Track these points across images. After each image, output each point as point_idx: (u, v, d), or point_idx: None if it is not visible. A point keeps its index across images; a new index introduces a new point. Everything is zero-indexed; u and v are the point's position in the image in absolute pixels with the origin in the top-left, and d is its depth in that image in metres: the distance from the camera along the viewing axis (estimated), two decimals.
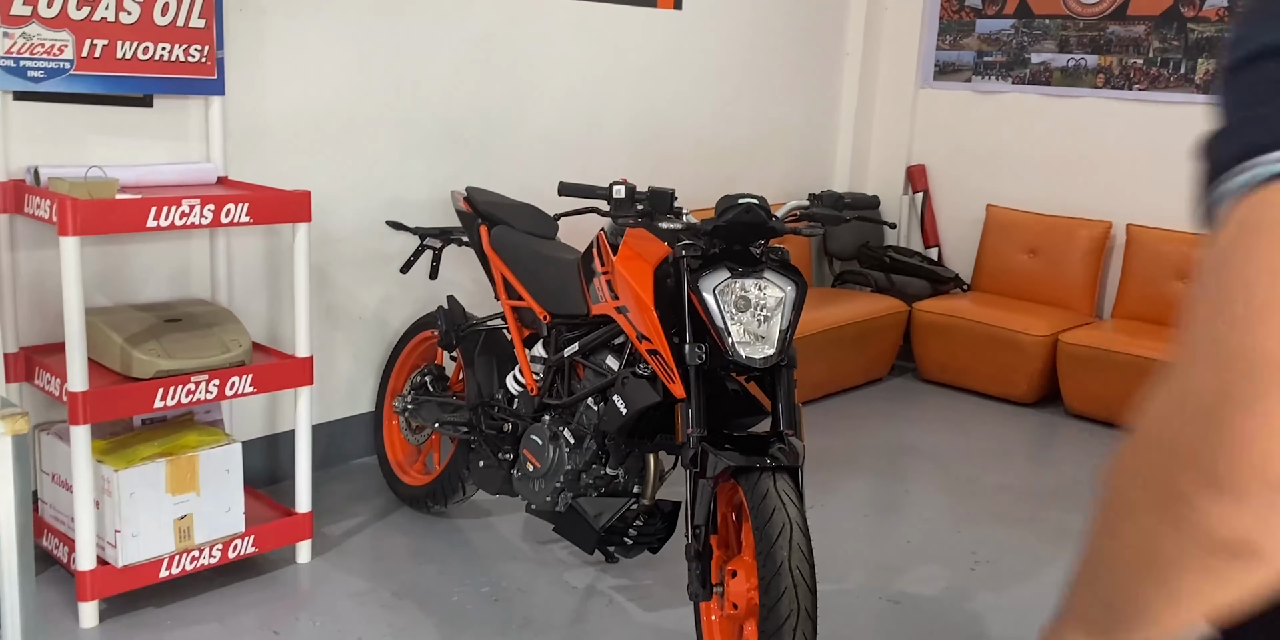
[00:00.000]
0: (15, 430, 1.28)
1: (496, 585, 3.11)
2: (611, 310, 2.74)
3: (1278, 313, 0.59)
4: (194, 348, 2.85)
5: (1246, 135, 0.65)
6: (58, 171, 2.77)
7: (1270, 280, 0.60)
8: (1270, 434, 0.57)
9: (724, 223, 2.53)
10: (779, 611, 2.20)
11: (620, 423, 2.68)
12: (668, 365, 2.53)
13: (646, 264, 2.62)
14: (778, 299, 2.50)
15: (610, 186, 2.61)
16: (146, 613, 2.86)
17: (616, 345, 2.86)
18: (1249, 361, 0.59)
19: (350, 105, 3.61)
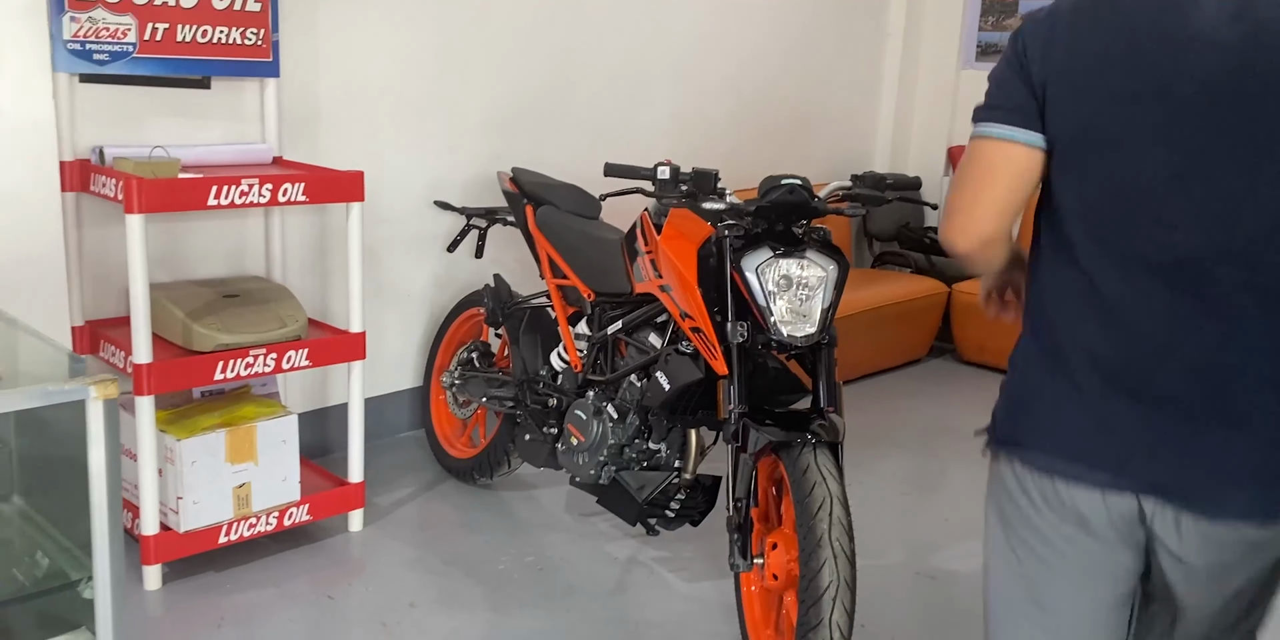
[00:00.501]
0: (106, 395, 1.37)
1: (540, 555, 3.20)
2: (655, 288, 2.80)
3: (958, 186, 1.60)
4: (252, 323, 2.95)
5: (977, 113, 1.58)
6: (122, 151, 2.87)
7: (963, 172, 1.59)
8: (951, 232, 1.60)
9: (767, 203, 2.58)
10: (819, 582, 2.26)
11: (663, 399, 2.75)
12: (710, 342, 2.59)
13: (690, 243, 2.68)
14: (819, 278, 2.55)
15: (655, 167, 2.66)
16: (207, 577, 2.97)
17: (659, 323, 2.93)
18: (952, 205, 1.60)
19: (400, 87, 3.69)
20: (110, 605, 1.42)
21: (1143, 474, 1.49)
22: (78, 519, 1.44)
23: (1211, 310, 1.43)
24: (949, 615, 2.99)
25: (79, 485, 1.44)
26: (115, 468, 1.42)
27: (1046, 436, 1.58)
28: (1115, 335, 1.49)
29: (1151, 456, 1.48)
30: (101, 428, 1.39)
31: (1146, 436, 1.49)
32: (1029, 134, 1.50)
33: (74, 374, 1.38)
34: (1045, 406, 1.58)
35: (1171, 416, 1.47)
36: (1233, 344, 1.43)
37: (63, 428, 1.45)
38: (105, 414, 1.39)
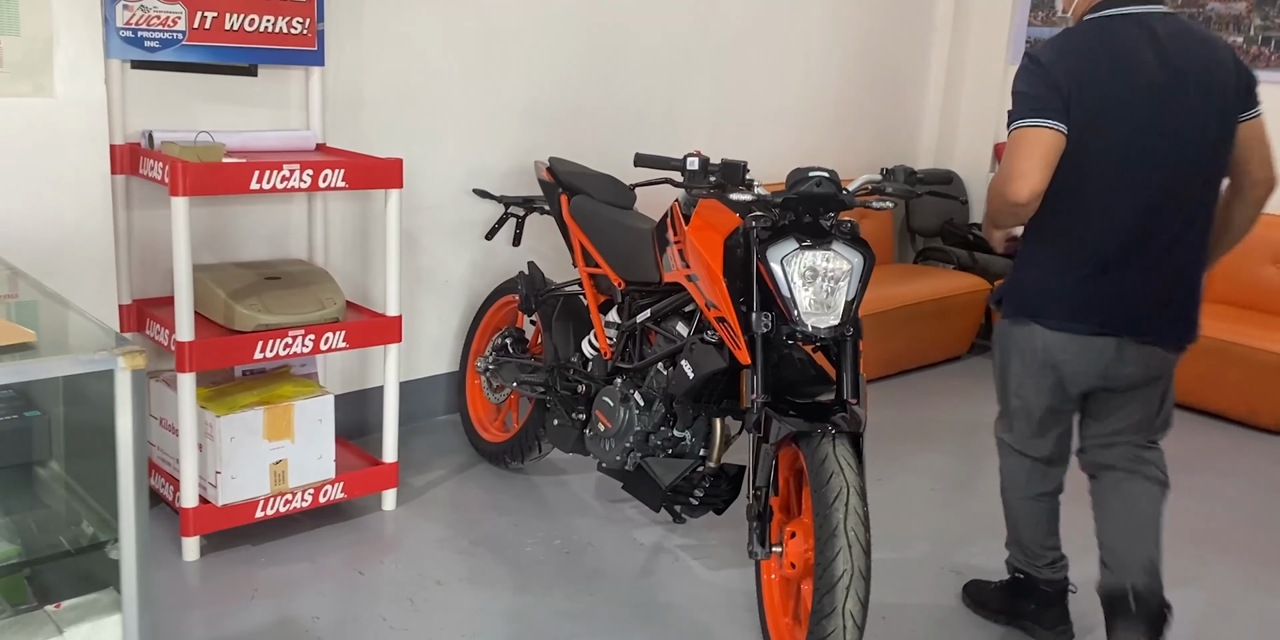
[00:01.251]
0: (134, 365, 1.43)
1: (568, 538, 3.26)
2: (682, 278, 2.84)
3: (1015, 160, 2.39)
4: (292, 304, 3.03)
5: (1017, 114, 2.43)
6: (170, 136, 2.96)
7: (1016, 151, 2.40)
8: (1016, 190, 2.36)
9: (794, 195, 2.61)
10: (833, 571, 2.29)
11: (687, 387, 2.79)
12: (734, 333, 2.62)
13: (717, 234, 2.71)
14: (844, 270, 2.57)
15: (684, 158, 2.70)
16: (243, 550, 3.06)
17: (687, 312, 2.96)
18: (1007, 174, 2.39)
19: (443, 77, 3.75)
20: (135, 566, 1.49)
21: (1114, 321, 2.53)
22: (109, 485, 1.51)
23: (1160, 213, 2.48)
24: (971, 611, 3.01)
25: (112, 453, 1.51)
26: (142, 435, 1.49)
27: (1056, 305, 2.56)
28: (1108, 231, 2.49)
29: (1118, 308, 2.52)
30: (129, 396, 1.45)
31: (1116, 298, 2.52)
32: (1060, 124, 2.39)
33: (105, 346, 1.45)
34: (1056, 288, 2.56)
35: (1131, 281, 2.51)
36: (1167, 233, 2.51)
37: (99, 398, 1.52)
38: (133, 384, 1.46)
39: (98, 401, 1.55)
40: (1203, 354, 4.62)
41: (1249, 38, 4.93)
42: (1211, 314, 4.79)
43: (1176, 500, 3.80)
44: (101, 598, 1.53)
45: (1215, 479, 4.03)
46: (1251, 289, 4.93)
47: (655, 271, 3.01)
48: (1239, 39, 4.95)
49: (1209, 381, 4.66)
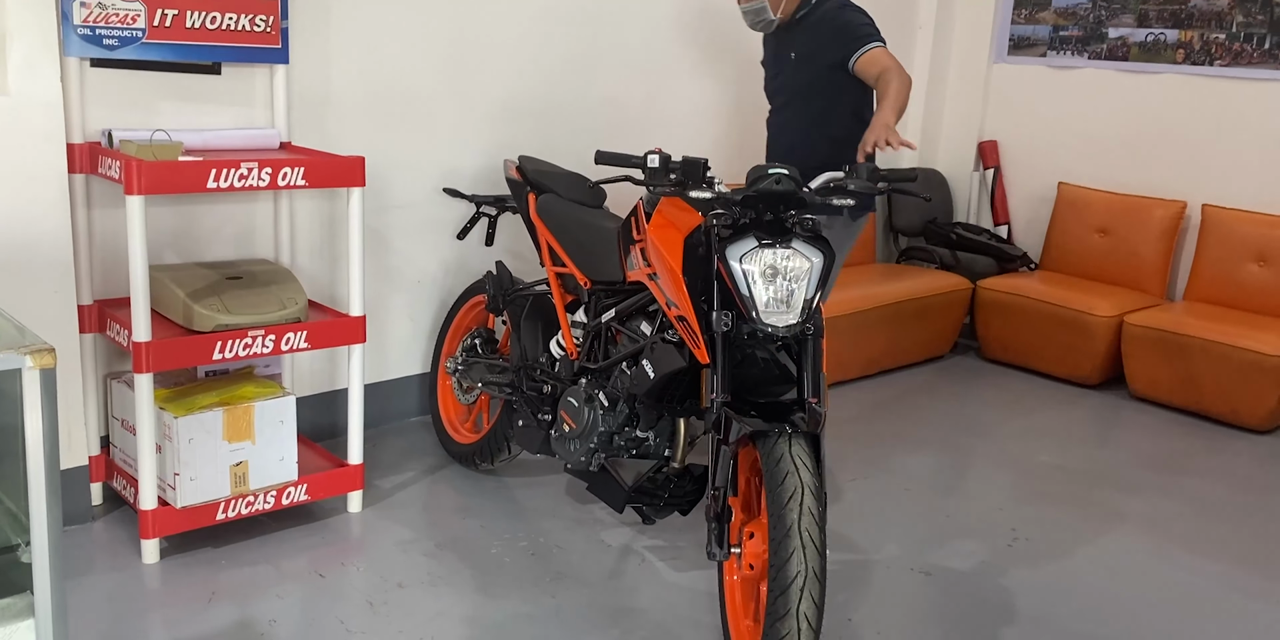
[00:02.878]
0: (42, 364, 1.40)
1: (535, 541, 3.23)
2: (644, 277, 2.81)
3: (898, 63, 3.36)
4: (252, 304, 3.00)
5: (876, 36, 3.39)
6: (129, 135, 2.94)
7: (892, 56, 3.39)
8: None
9: (753, 192, 2.58)
10: (787, 572, 2.26)
11: (648, 387, 2.76)
12: (694, 332, 2.59)
13: (678, 232, 2.69)
14: (804, 268, 2.54)
15: (645, 155, 2.67)
16: (204, 552, 3.03)
17: (650, 311, 2.94)
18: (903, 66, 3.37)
19: (411, 75, 3.73)
20: (49, 569, 1.45)
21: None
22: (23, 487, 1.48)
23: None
24: (940, 612, 2.98)
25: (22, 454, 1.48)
26: (53, 437, 1.46)
27: None
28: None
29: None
30: (38, 397, 1.42)
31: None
32: None
33: (14, 345, 1.42)
34: None
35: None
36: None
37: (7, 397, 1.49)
38: (42, 384, 1.43)
39: (7, 400, 1.52)
40: (1184, 353, 4.62)
41: (1231, 34, 4.90)
42: (1193, 312, 4.83)
43: (1158, 501, 3.79)
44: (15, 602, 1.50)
45: (1197, 479, 4.00)
46: (1233, 287, 4.90)
47: (619, 270, 2.98)
48: (1221, 35, 4.92)
49: (1190, 381, 4.63)
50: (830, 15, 3.48)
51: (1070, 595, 3.09)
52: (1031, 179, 5.60)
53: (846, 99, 3.50)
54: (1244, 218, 4.89)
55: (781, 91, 3.63)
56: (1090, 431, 4.61)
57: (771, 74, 3.69)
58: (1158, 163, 5.18)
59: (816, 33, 3.47)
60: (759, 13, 3.50)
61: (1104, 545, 3.42)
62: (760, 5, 3.48)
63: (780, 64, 3.61)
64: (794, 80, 3.56)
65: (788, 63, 3.56)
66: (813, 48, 3.48)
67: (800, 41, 3.51)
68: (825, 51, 3.44)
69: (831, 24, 3.45)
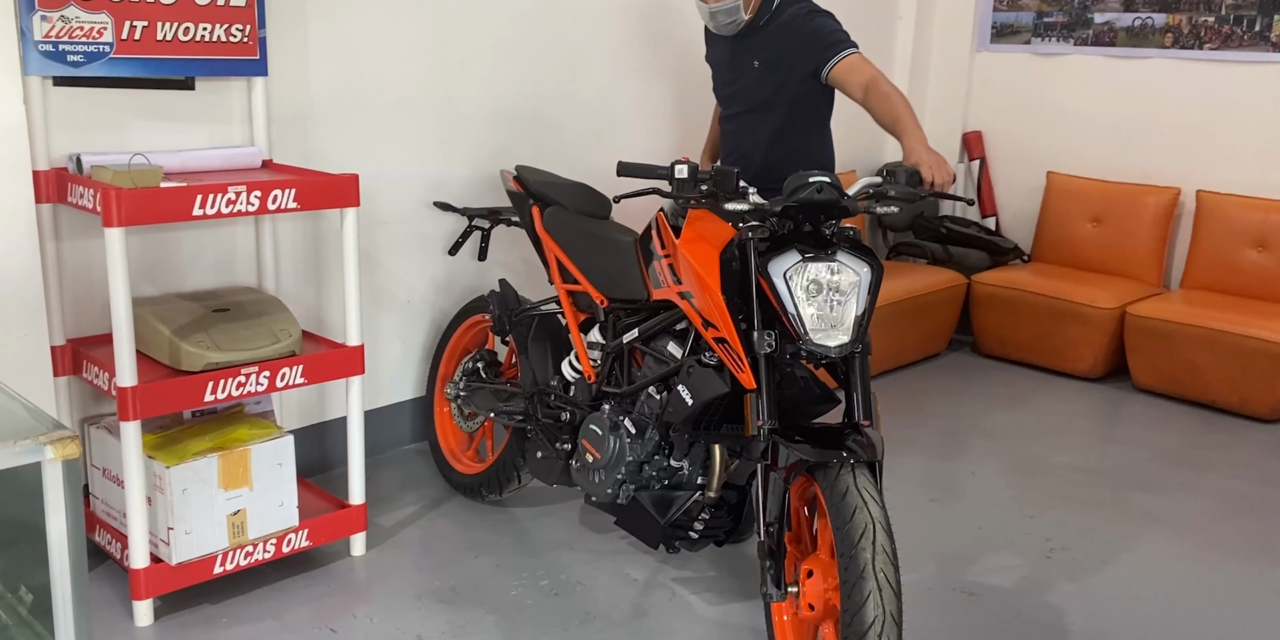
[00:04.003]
0: (65, 455, 1.18)
1: (555, 578, 3.02)
2: (674, 295, 2.62)
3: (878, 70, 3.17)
4: (243, 339, 2.77)
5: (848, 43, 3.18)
6: (100, 159, 2.68)
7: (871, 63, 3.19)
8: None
9: (795, 203, 2.40)
10: (863, 617, 2.09)
11: (686, 414, 2.57)
12: (736, 354, 2.41)
13: (712, 247, 2.50)
14: (852, 283, 2.37)
15: (672, 165, 2.48)
16: (202, 609, 2.80)
17: (679, 331, 2.75)
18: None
19: (395, 83, 3.49)
20: None
21: None
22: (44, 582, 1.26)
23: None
24: (993, 636, 2.82)
25: (42, 550, 1.26)
26: (78, 536, 1.24)
27: None
28: None
29: None
30: (61, 492, 1.20)
31: None
32: None
33: (28, 431, 1.20)
34: None
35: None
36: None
37: (24, 485, 1.27)
38: (65, 476, 1.21)
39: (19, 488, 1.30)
40: (1190, 343, 4.52)
41: (1220, 17, 4.80)
42: (1195, 301, 4.73)
43: (1185, 500, 3.68)
44: None
45: (1218, 474, 3.89)
46: (1231, 274, 4.81)
47: (642, 288, 2.78)
48: (1210, 18, 4.82)
49: (1198, 371, 4.53)
50: (798, 22, 3.23)
51: (1120, 608, 2.96)
52: (1019, 169, 5.48)
53: (809, 109, 3.34)
54: (1240, 203, 4.80)
55: (738, 99, 3.39)
56: (1101, 427, 4.50)
57: (726, 79, 3.42)
58: (1149, 149, 5.08)
59: (783, 40, 3.24)
60: (732, 12, 3.20)
61: (1141, 552, 3.30)
62: (734, 4, 3.19)
63: (738, 71, 3.34)
64: (756, 90, 3.32)
65: (748, 71, 3.30)
66: (780, 56, 3.25)
67: (765, 49, 3.26)
68: (794, 60, 3.22)
69: (800, 31, 3.22)
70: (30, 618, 1.45)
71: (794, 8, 3.26)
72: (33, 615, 1.46)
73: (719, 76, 3.49)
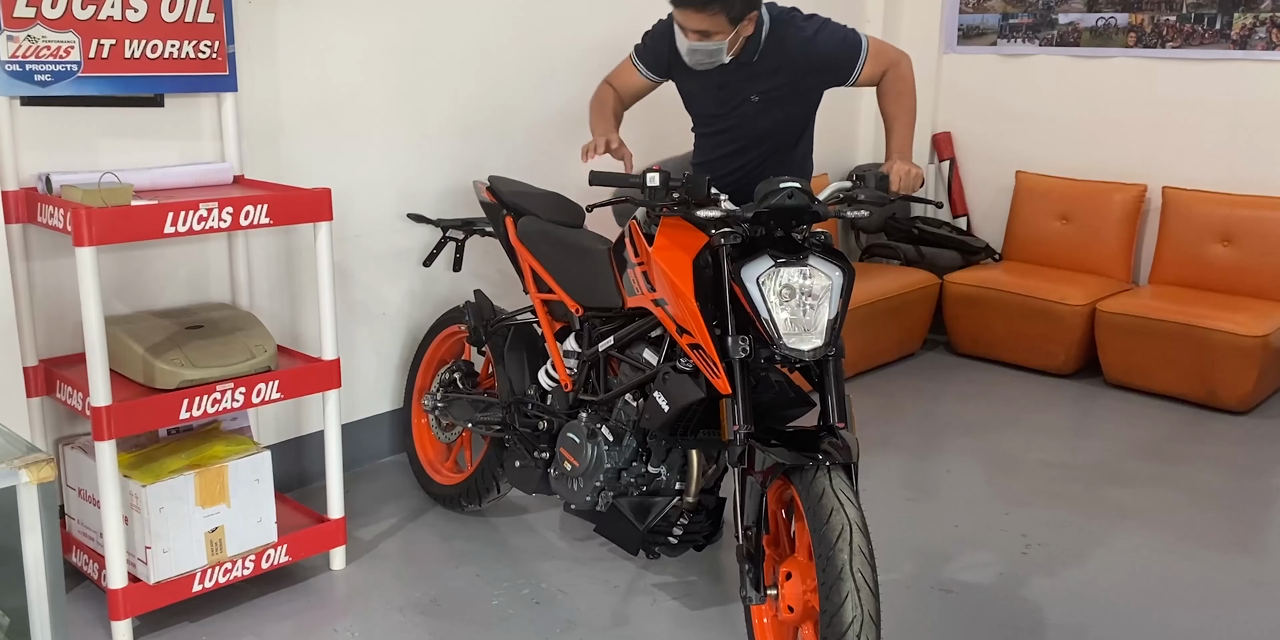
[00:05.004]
0: (41, 478, 1.18)
1: (536, 586, 3.03)
2: (649, 303, 2.64)
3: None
4: (218, 355, 2.76)
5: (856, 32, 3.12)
6: (70, 178, 2.68)
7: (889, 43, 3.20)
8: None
9: (766, 209, 2.42)
10: (842, 618, 2.11)
11: (663, 421, 2.58)
12: (711, 360, 2.43)
13: (684, 254, 2.52)
14: (824, 287, 2.39)
15: (644, 174, 2.50)
16: (181, 628, 2.79)
17: (654, 338, 2.76)
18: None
19: (365, 95, 3.50)
20: None
21: None
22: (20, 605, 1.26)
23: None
24: (970, 633, 2.84)
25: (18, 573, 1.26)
26: (55, 560, 1.24)
27: None
28: None
29: None
30: (37, 515, 1.20)
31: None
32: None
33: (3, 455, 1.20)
34: None
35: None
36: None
37: None
38: (41, 500, 1.21)
39: None
40: (1158, 337, 4.57)
41: (1181, 16, 4.86)
42: (1163, 296, 4.78)
43: (1158, 493, 3.72)
44: None
45: (1188, 467, 3.94)
46: (1198, 269, 4.87)
47: (616, 296, 2.80)
48: (1172, 17, 4.88)
49: (1166, 364, 4.58)
50: (800, 50, 3.02)
51: (1096, 602, 2.99)
52: (988, 169, 5.53)
53: (806, 125, 3.30)
54: (1205, 198, 4.86)
55: (730, 134, 3.18)
56: (1074, 423, 4.54)
57: (710, 110, 3.18)
58: (1115, 147, 5.13)
59: (791, 72, 3.04)
60: (713, 54, 2.94)
61: (1116, 545, 3.33)
62: (718, 47, 2.92)
63: (729, 104, 3.11)
64: (752, 123, 3.14)
65: (743, 105, 3.09)
66: (784, 90, 3.08)
67: (765, 84, 3.05)
68: (807, 86, 3.10)
69: (806, 57, 3.03)
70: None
71: (789, 34, 3.03)
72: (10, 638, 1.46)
73: (699, 105, 3.25)
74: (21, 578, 1.28)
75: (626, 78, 3.30)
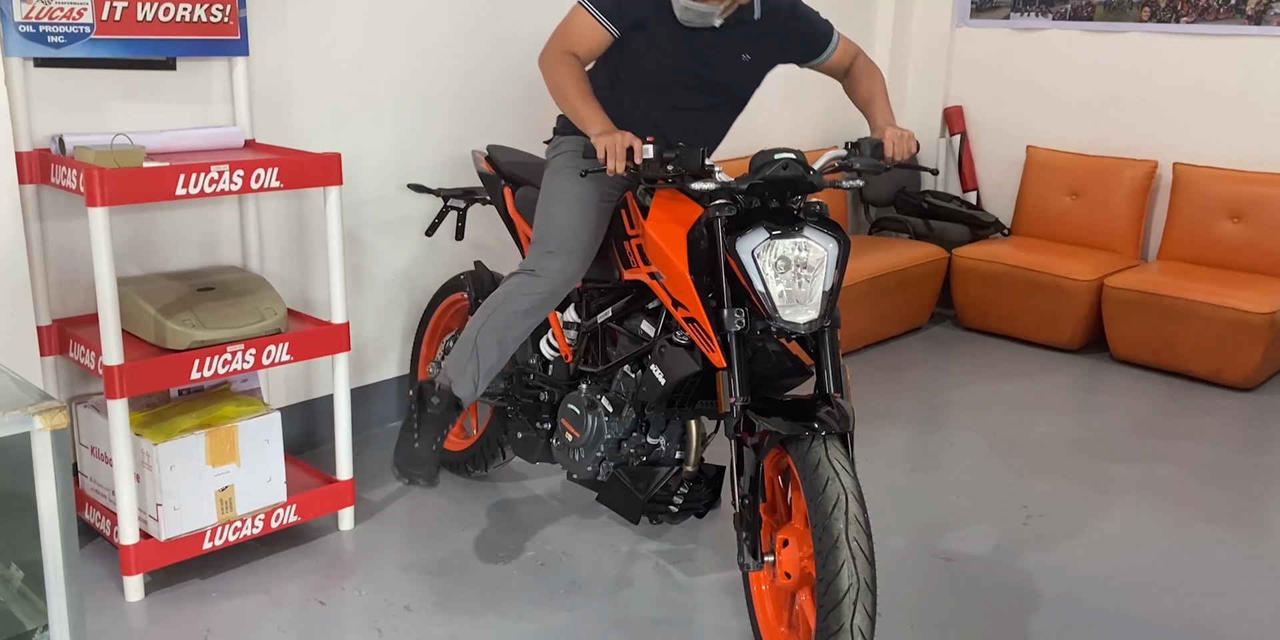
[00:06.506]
0: (54, 425, 1.21)
1: (541, 549, 3.08)
2: (645, 276, 2.65)
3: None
4: (229, 317, 2.80)
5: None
6: (82, 140, 2.71)
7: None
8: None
9: (760, 180, 2.42)
10: (838, 586, 2.13)
11: (660, 393, 2.60)
12: (706, 334, 2.44)
13: (679, 227, 2.51)
14: (820, 258, 2.39)
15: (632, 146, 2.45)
16: (191, 584, 2.84)
17: (651, 309, 2.78)
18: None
19: (375, 63, 3.51)
20: None
21: None
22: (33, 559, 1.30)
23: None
24: (967, 599, 2.88)
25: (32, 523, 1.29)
26: (68, 506, 1.28)
27: None
28: None
29: None
30: (50, 463, 1.23)
31: None
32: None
33: (17, 403, 1.23)
34: None
35: None
36: None
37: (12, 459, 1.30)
38: (54, 447, 1.24)
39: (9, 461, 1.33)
40: (1164, 313, 4.57)
41: None
42: (1171, 272, 4.78)
43: (1160, 468, 3.74)
44: None
45: (1192, 442, 3.96)
46: (1207, 245, 4.87)
47: (613, 267, 2.81)
48: None
49: (1173, 341, 4.59)
50: (790, 14, 2.94)
51: (1093, 573, 3.02)
52: (999, 143, 5.52)
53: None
54: (1216, 175, 4.85)
55: (708, 89, 2.90)
56: (1079, 398, 4.56)
57: (687, 67, 2.84)
58: (1127, 123, 5.12)
59: (782, 34, 2.93)
60: (706, 16, 2.76)
61: (1116, 518, 3.36)
62: (714, 9, 2.75)
63: (716, 64, 2.85)
64: (738, 83, 2.94)
65: (732, 64, 2.88)
66: (774, 51, 2.94)
67: (760, 44, 2.89)
68: (787, 52, 2.98)
69: (795, 24, 2.95)
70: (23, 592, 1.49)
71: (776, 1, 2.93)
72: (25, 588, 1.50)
73: (672, 60, 2.86)
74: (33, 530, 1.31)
75: (590, 38, 2.78)
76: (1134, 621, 2.79)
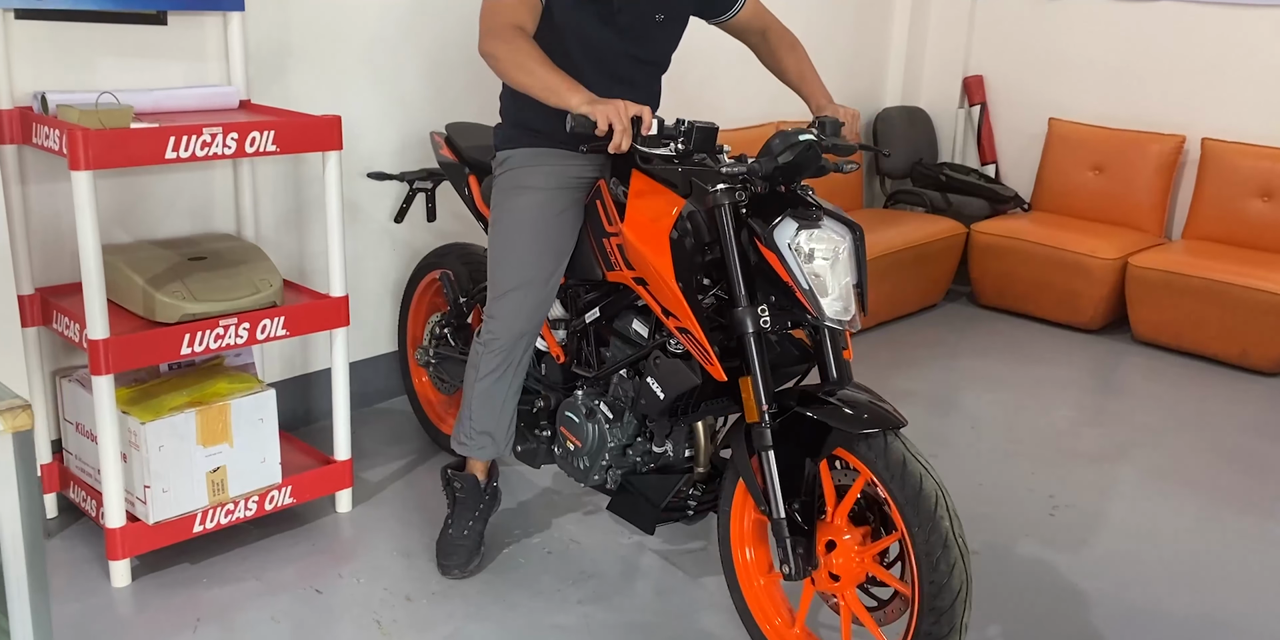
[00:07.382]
0: (17, 426, 1.05)
1: (548, 536, 2.94)
2: (629, 280, 2.46)
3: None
4: (222, 289, 2.64)
5: None
6: (67, 98, 2.53)
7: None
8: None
9: (787, 163, 2.23)
10: (951, 586, 2.01)
11: (660, 408, 2.43)
12: (702, 346, 2.26)
13: (660, 226, 2.30)
14: (846, 249, 2.21)
15: (633, 119, 2.20)
16: (181, 569, 2.70)
17: (641, 307, 2.59)
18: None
19: (379, 19, 3.32)
20: None
21: None
22: None
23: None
24: (996, 593, 2.75)
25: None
26: (33, 515, 1.12)
27: None
28: None
29: None
30: (12, 468, 1.08)
31: None
32: None
33: None
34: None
35: None
36: None
37: None
38: (17, 451, 1.08)
39: None
40: (1191, 294, 4.43)
41: None
42: (1197, 252, 4.63)
43: (1188, 456, 3.61)
44: None
45: (1221, 429, 3.83)
46: (1238, 225, 4.72)
47: (595, 266, 2.60)
48: None
49: (1198, 323, 4.45)
50: None
51: (1124, 567, 2.90)
52: (1020, 115, 5.34)
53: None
54: (1246, 151, 4.69)
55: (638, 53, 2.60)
56: (1101, 380, 4.42)
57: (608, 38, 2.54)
58: (1154, 96, 4.95)
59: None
60: None
61: (1145, 509, 3.23)
62: None
63: (634, 29, 2.56)
64: (657, 45, 2.64)
65: (649, 25, 2.57)
66: (683, 9, 2.65)
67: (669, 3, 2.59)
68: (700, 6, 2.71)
69: None
70: None
71: None
72: None
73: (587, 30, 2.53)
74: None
75: (531, 7, 2.45)
76: (1168, 617, 2.67)
